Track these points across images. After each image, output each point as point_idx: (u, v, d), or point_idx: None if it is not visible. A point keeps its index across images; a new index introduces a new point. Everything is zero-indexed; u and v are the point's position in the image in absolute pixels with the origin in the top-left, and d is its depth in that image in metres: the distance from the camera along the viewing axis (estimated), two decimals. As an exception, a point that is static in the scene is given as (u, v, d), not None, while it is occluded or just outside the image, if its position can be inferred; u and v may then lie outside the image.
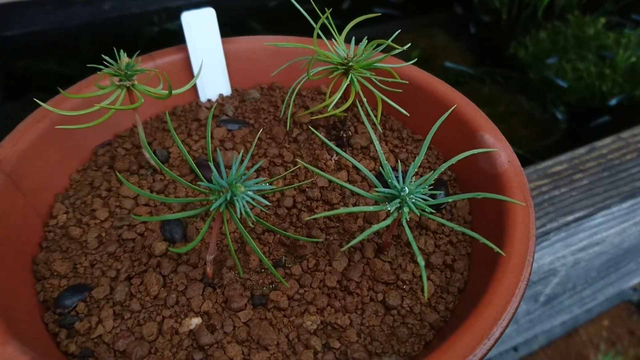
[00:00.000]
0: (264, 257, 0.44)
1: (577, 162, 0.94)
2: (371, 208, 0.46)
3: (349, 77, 0.57)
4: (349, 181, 0.60)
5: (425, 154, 0.65)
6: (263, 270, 0.51)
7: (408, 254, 0.53)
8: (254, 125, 0.68)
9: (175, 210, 0.57)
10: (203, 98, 0.73)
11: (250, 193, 0.43)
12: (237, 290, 0.49)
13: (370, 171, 0.61)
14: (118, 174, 0.43)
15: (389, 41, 0.56)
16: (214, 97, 0.73)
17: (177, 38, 0.74)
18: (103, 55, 0.55)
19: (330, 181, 0.58)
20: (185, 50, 0.70)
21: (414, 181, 0.46)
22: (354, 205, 0.58)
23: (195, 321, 0.47)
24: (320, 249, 0.53)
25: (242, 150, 0.64)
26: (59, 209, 0.57)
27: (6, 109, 1.27)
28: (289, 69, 0.66)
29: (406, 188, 0.45)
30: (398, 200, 0.45)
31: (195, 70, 0.70)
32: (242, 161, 0.45)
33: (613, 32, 1.54)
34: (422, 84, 0.66)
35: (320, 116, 0.64)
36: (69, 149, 0.62)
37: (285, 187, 0.47)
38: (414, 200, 0.45)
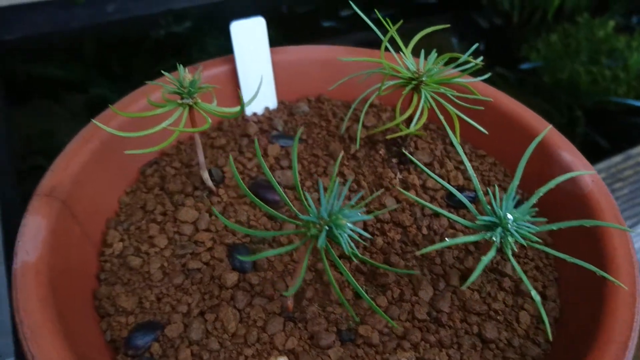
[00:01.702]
0: (364, 294, 0.41)
1: (615, 170, 0.93)
2: (472, 238, 0.43)
3: (422, 93, 0.54)
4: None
5: (491, 170, 0.62)
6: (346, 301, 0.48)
7: (495, 281, 0.50)
8: (307, 140, 0.65)
9: (239, 236, 0.53)
10: (249, 111, 0.69)
11: (350, 225, 0.39)
12: (322, 325, 0.46)
13: (438, 190, 0.59)
14: (215, 210, 0.39)
15: (466, 56, 0.53)
16: (260, 111, 0.69)
17: (184, 42, 0.69)
18: (163, 71, 0.51)
19: (434, 212, 0.56)
20: (232, 61, 0.66)
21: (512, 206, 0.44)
22: (428, 227, 0.55)
23: (282, 361, 0.44)
24: (401, 277, 0.50)
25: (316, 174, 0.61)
26: (114, 236, 0.53)
27: (10, 115, 1.21)
28: (336, 80, 0.63)
29: (509, 216, 0.43)
30: (500, 229, 0.43)
31: (242, 82, 0.67)
32: (340, 192, 0.42)
33: (623, 34, 1.55)
34: (486, 97, 0.63)
35: (378, 130, 0.61)
36: (115, 169, 0.58)
37: (377, 212, 0.44)
38: (515, 228, 0.43)
